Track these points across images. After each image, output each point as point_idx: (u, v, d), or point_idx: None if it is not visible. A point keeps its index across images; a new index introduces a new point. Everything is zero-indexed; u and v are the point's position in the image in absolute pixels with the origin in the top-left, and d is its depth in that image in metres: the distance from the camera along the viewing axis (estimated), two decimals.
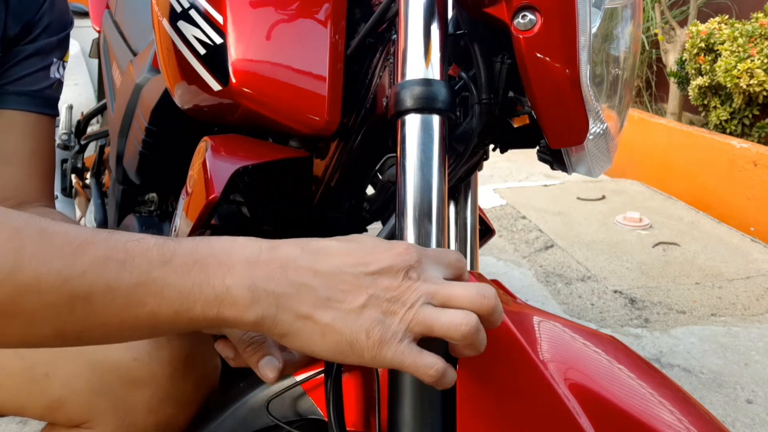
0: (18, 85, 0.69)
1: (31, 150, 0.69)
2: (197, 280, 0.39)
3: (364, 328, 0.40)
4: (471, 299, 0.41)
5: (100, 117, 1.84)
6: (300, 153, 0.66)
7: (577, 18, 0.47)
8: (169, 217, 1.04)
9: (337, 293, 0.41)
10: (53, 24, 0.71)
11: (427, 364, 0.40)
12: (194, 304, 0.38)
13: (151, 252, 0.39)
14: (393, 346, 0.40)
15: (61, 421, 0.61)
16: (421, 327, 0.41)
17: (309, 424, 0.58)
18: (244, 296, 0.39)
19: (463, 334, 0.40)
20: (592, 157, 0.57)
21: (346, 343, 0.40)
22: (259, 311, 0.39)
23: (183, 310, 0.38)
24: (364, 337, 0.40)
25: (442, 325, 0.40)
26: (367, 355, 0.40)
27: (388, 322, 0.40)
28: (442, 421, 0.46)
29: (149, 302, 0.38)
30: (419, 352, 0.41)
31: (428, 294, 0.42)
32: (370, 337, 0.40)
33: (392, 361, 0.40)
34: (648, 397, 0.46)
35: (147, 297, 0.38)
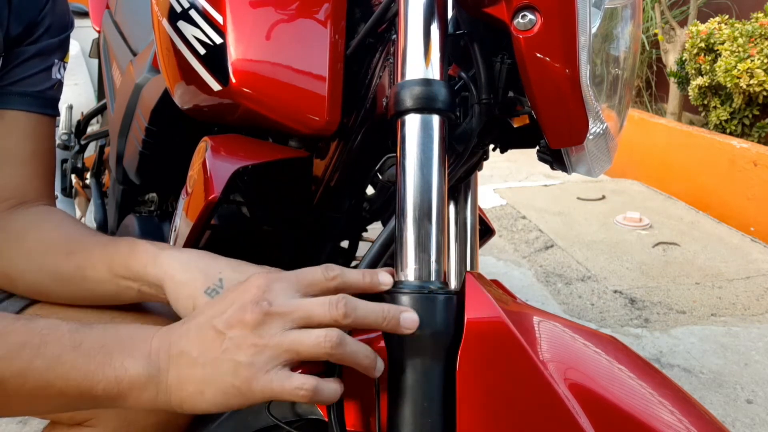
0: (20, 85, 0.69)
1: (32, 150, 0.70)
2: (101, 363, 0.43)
3: (230, 373, 0.43)
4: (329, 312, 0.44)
5: (100, 117, 1.84)
6: (300, 153, 0.66)
7: (577, 18, 0.47)
8: (169, 217, 1.04)
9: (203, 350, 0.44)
10: (55, 25, 0.71)
11: (296, 385, 0.42)
12: (97, 384, 0.43)
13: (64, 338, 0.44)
14: (260, 379, 0.42)
15: (63, 420, 0.61)
16: (288, 354, 0.43)
17: (309, 424, 0.58)
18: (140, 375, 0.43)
19: (328, 351, 0.43)
20: (592, 157, 0.57)
21: (221, 393, 0.43)
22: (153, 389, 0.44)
23: (86, 391, 0.43)
24: (231, 381, 0.42)
25: (308, 348, 0.43)
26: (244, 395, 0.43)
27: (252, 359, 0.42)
28: (442, 421, 0.46)
29: (57, 384, 0.42)
30: (287, 376, 0.43)
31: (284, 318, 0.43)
32: (237, 377, 0.42)
33: (263, 392, 0.42)
34: (648, 397, 0.46)
35: (55, 380, 0.42)
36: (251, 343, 0.43)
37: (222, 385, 0.43)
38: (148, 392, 0.44)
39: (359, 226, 0.82)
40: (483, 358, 0.47)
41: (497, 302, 0.48)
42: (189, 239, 0.64)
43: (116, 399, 0.44)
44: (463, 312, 0.48)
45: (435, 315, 0.47)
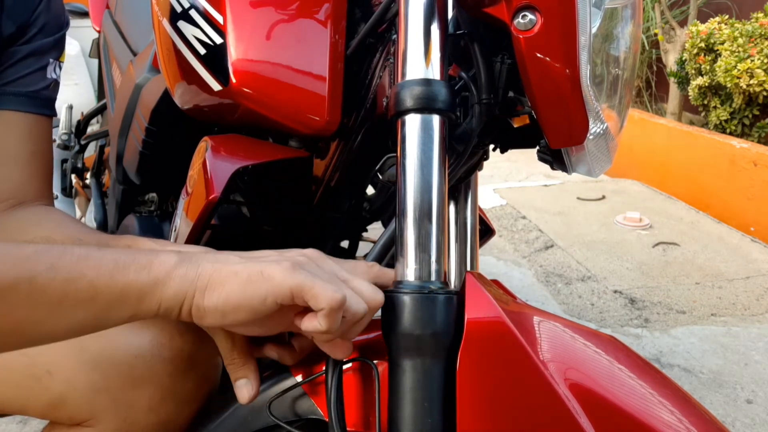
0: (15, 86, 0.69)
1: (30, 150, 0.69)
2: (132, 254, 0.44)
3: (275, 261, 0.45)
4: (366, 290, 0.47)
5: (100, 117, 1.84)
6: (300, 153, 0.66)
7: (577, 18, 0.47)
8: (169, 217, 1.04)
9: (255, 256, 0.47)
10: (49, 24, 0.71)
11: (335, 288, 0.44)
12: (128, 268, 0.43)
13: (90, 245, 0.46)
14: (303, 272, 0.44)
15: (63, 419, 0.61)
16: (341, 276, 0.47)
17: (309, 424, 0.58)
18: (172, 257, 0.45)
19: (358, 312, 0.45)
20: (592, 157, 0.57)
21: (256, 273, 0.44)
22: (183, 269, 0.44)
23: (118, 275, 0.42)
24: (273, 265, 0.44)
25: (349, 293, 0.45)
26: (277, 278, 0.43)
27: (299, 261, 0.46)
28: (442, 421, 0.46)
29: (88, 273, 0.42)
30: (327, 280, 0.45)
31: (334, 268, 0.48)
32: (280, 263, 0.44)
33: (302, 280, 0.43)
34: (648, 397, 0.46)
35: (86, 269, 0.42)
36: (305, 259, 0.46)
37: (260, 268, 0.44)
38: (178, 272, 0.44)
39: (359, 226, 0.82)
40: (483, 358, 0.47)
41: (497, 302, 0.48)
42: (189, 239, 0.64)
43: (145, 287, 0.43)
44: (463, 312, 0.48)
45: (435, 315, 0.47)
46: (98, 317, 0.43)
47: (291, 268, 0.44)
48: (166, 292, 0.43)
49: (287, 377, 0.57)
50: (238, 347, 0.52)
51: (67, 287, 0.41)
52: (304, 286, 0.43)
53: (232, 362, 0.51)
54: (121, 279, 0.42)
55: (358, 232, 0.86)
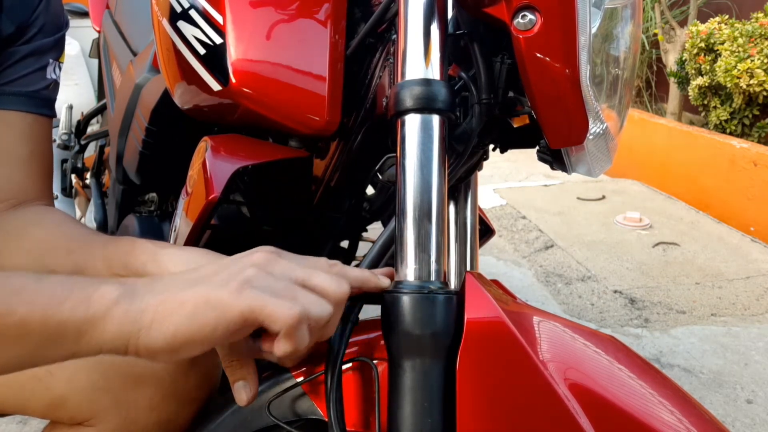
0: (14, 86, 0.69)
1: (30, 150, 0.69)
2: (69, 287, 0.40)
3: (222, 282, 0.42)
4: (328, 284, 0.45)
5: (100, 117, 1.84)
6: (300, 153, 0.66)
7: (577, 18, 0.47)
8: (169, 217, 1.04)
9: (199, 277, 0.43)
10: (48, 25, 0.71)
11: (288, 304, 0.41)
12: (63, 304, 0.39)
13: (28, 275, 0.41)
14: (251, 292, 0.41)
15: (64, 419, 0.61)
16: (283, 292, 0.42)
17: (309, 424, 0.58)
18: (112, 291, 0.41)
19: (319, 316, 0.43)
20: (592, 157, 0.57)
21: (202, 301, 0.41)
22: (125, 305, 0.40)
23: (52, 312, 0.39)
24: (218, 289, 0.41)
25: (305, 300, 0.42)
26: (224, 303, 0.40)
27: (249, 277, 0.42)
28: (442, 422, 0.46)
29: (20, 309, 0.38)
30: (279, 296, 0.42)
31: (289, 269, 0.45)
32: (226, 286, 0.41)
33: (251, 302, 0.40)
34: (648, 397, 0.46)
35: (18, 304, 0.39)
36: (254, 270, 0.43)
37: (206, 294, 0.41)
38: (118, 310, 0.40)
39: (359, 226, 0.82)
40: (483, 358, 0.47)
41: (497, 302, 0.48)
42: (189, 239, 0.64)
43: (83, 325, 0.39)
44: (463, 312, 0.48)
45: (435, 315, 0.47)
46: (33, 355, 0.40)
47: (238, 290, 0.41)
48: (106, 331, 0.40)
49: (287, 377, 0.57)
50: (236, 348, 0.51)
51: None
52: (255, 309, 0.40)
53: (230, 364, 0.50)
54: (55, 316, 0.39)
55: (358, 232, 0.86)
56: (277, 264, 0.45)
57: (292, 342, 0.42)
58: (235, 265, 0.44)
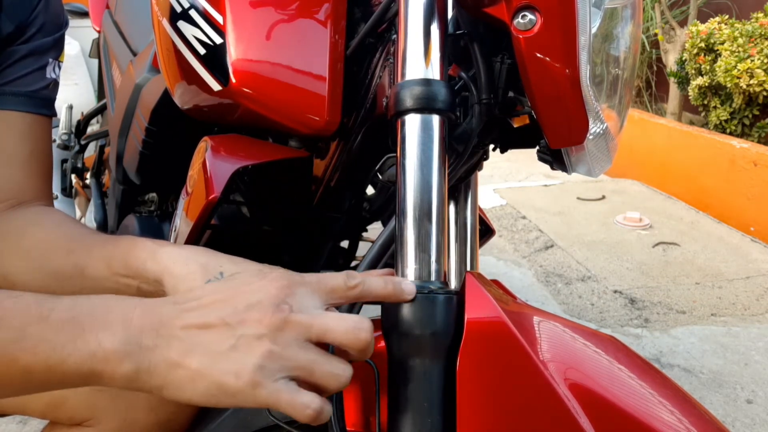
0: (14, 85, 0.69)
1: (30, 150, 0.69)
2: (71, 334, 0.39)
3: (233, 371, 0.39)
4: (347, 334, 0.41)
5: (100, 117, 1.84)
6: (300, 153, 0.66)
7: (577, 18, 0.47)
8: (169, 217, 1.04)
9: (206, 338, 0.40)
10: (48, 24, 0.71)
11: (305, 403, 0.40)
12: (67, 357, 0.38)
13: (30, 309, 0.39)
14: (267, 387, 0.39)
15: (63, 419, 0.61)
16: (301, 371, 0.40)
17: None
18: (117, 350, 0.39)
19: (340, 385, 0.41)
20: (592, 157, 0.57)
21: (216, 387, 0.39)
22: (132, 365, 0.39)
23: (55, 365, 0.38)
24: (233, 379, 0.39)
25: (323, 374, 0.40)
26: (239, 397, 0.39)
27: (261, 362, 0.39)
28: (442, 421, 0.46)
29: (22, 358, 0.38)
30: (296, 391, 0.40)
31: (304, 330, 0.41)
32: (241, 378, 0.39)
33: (267, 399, 0.39)
34: (648, 397, 0.46)
35: (20, 353, 0.38)
36: (266, 350, 0.40)
37: (219, 380, 0.39)
38: (124, 368, 0.39)
39: (359, 226, 0.82)
40: (483, 358, 0.47)
41: (497, 302, 0.48)
42: (189, 239, 0.64)
43: (88, 377, 0.39)
44: (463, 312, 0.48)
45: (435, 315, 0.47)
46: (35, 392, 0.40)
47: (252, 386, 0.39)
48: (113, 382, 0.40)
49: None
50: None
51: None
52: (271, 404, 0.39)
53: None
54: (59, 370, 0.38)
55: (358, 232, 0.86)
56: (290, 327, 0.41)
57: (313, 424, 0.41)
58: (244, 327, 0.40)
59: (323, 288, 0.44)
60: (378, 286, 0.46)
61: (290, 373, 0.40)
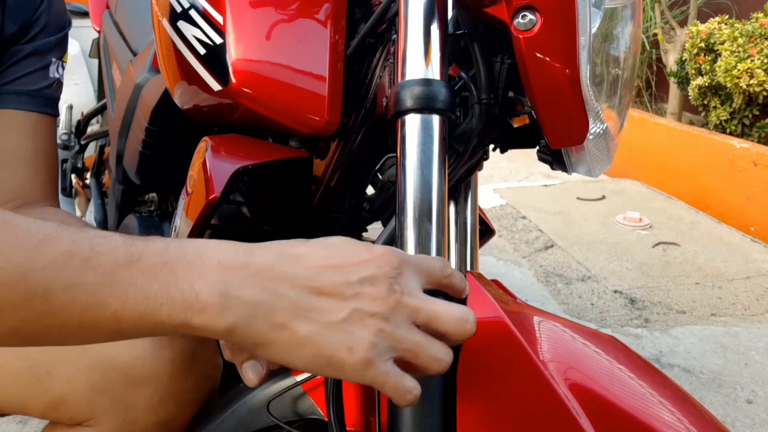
0: (17, 84, 0.69)
1: (34, 150, 0.69)
2: (165, 282, 0.36)
3: (347, 344, 0.38)
4: (454, 324, 0.41)
5: (100, 117, 1.84)
6: (300, 153, 0.66)
7: (577, 18, 0.47)
8: (169, 217, 1.04)
9: (317, 304, 0.38)
10: (51, 24, 0.71)
11: (408, 388, 0.40)
12: (160, 308, 0.36)
13: (119, 251, 0.37)
14: (378, 366, 0.38)
15: (63, 420, 0.61)
16: (407, 353, 0.40)
17: (309, 424, 0.58)
18: (215, 303, 0.37)
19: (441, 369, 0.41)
20: (592, 157, 0.57)
21: (325, 358, 0.38)
22: (230, 319, 0.37)
23: (147, 314, 0.36)
24: (345, 354, 0.38)
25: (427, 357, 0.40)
26: (348, 371, 0.38)
27: (374, 340, 0.38)
28: (442, 422, 0.46)
29: (112, 303, 0.36)
30: (402, 375, 0.40)
31: (412, 312, 0.40)
32: (354, 353, 0.38)
33: (374, 380, 0.38)
34: (648, 397, 0.46)
35: (110, 298, 0.35)
36: (379, 328, 0.38)
37: (330, 352, 0.38)
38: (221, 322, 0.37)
39: (359, 226, 0.82)
40: (483, 358, 0.47)
41: (497, 302, 0.48)
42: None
43: (181, 327, 0.37)
44: None
45: None
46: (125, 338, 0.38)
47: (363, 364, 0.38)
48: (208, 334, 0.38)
49: (287, 376, 0.57)
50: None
51: (86, 314, 0.35)
52: (376, 384, 0.39)
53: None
54: (151, 319, 0.36)
55: (358, 232, 0.86)
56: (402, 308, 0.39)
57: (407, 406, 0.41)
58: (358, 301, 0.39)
59: (424, 270, 0.43)
60: (461, 279, 0.46)
61: (397, 354, 0.39)
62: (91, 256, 0.36)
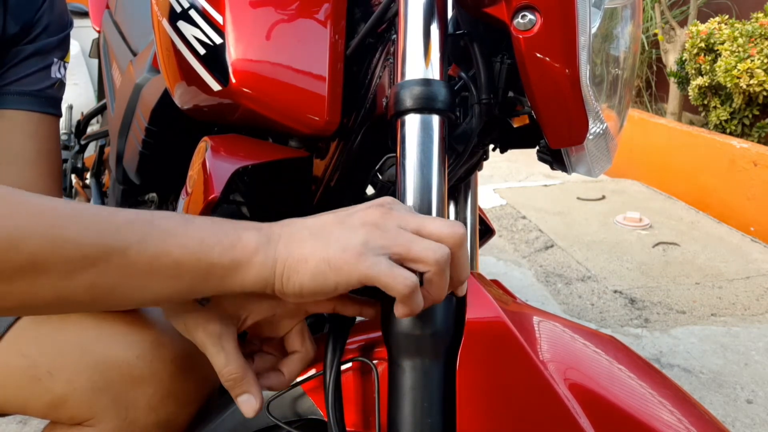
0: (19, 85, 0.69)
1: (37, 150, 0.70)
2: (215, 231, 0.44)
3: (341, 245, 0.43)
4: (443, 227, 0.45)
5: (100, 117, 1.84)
6: (300, 153, 0.66)
7: (577, 18, 0.47)
8: None
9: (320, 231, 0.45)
10: (52, 25, 0.71)
11: (404, 275, 0.42)
12: (212, 249, 0.43)
13: (174, 217, 0.45)
14: (370, 258, 0.42)
15: (63, 419, 0.61)
16: (399, 248, 0.43)
17: (309, 424, 0.58)
18: (252, 240, 0.44)
19: (436, 259, 0.43)
20: (592, 157, 0.57)
21: (325, 262, 0.43)
22: (262, 255, 0.44)
23: (203, 256, 0.43)
24: (340, 253, 0.43)
25: (419, 250, 0.43)
26: (345, 270, 0.42)
27: (365, 239, 0.43)
28: (442, 421, 0.46)
29: (174, 251, 0.42)
30: (395, 266, 0.43)
31: (401, 220, 0.45)
32: (347, 251, 0.43)
33: (369, 271, 0.42)
34: (648, 397, 0.46)
35: (173, 247, 0.43)
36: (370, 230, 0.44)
37: (327, 255, 0.43)
38: (258, 258, 0.44)
39: None
40: (483, 358, 0.47)
41: (497, 302, 0.48)
42: None
43: (229, 268, 0.44)
44: (463, 312, 0.48)
45: (435, 315, 0.47)
46: (186, 290, 0.44)
47: (357, 257, 0.43)
48: (247, 276, 0.44)
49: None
50: (233, 360, 0.49)
51: (154, 262, 0.42)
52: (372, 277, 0.43)
53: (230, 377, 0.49)
54: (205, 260, 0.43)
55: None
56: (391, 216, 0.46)
57: (408, 307, 0.44)
58: (352, 219, 0.46)
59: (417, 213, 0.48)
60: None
61: (390, 251, 0.43)
62: (152, 220, 0.43)
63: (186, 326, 0.50)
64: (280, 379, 0.52)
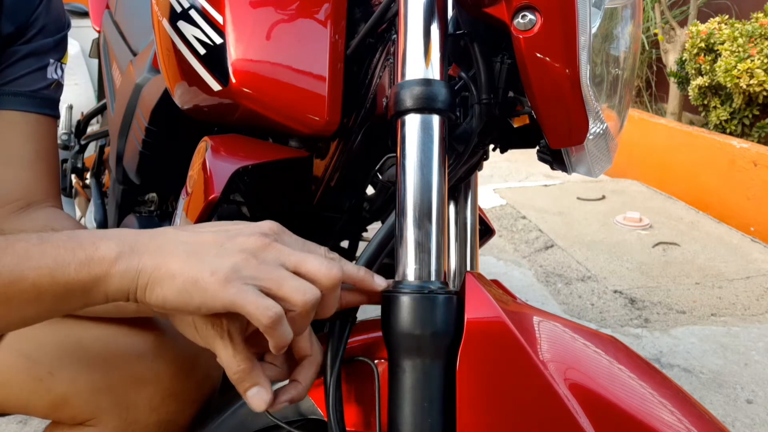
0: (15, 85, 0.69)
1: (35, 151, 0.69)
2: (70, 246, 0.43)
3: (210, 268, 0.42)
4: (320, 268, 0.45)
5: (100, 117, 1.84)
6: (300, 153, 0.66)
7: (577, 18, 0.47)
8: (169, 217, 1.04)
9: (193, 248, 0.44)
10: (49, 25, 0.71)
11: (267, 305, 0.42)
12: (68, 266, 0.42)
13: (30, 239, 0.43)
14: (237, 286, 0.42)
15: (65, 419, 0.61)
16: (271, 282, 0.43)
17: (309, 424, 0.58)
18: (111, 250, 0.43)
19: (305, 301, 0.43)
20: (592, 157, 0.57)
21: (192, 282, 0.42)
22: (123, 265, 0.43)
23: (59, 275, 0.42)
24: (208, 275, 0.42)
25: (289, 290, 0.43)
26: (210, 292, 0.42)
27: (237, 266, 0.43)
28: (442, 421, 0.46)
29: (30, 275, 0.41)
30: (262, 296, 0.43)
31: (280, 254, 0.45)
32: (215, 274, 0.42)
33: (234, 298, 0.42)
34: (648, 397, 0.46)
35: (27, 270, 0.41)
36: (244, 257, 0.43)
37: (195, 275, 0.42)
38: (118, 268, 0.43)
39: (359, 226, 0.82)
40: (483, 358, 0.47)
41: (497, 302, 0.48)
42: None
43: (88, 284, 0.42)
44: (463, 312, 0.48)
45: (435, 315, 0.47)
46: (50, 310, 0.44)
47: (224, 282, 0.42)
48: (110, 287, 0.43)
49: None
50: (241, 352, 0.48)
51: (10, 289, 0.41)
52: (236, 304, 0.42)
53: (237, 371, 0.47)
54: (62, 278, 0.42)
55: (358, 232, 0.86)
56: (271, 249, 0.45)
57: (272, 337, 0.43)
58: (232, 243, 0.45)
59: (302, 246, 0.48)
60: (352, 268, 0.49)
61: (260, 283, 0.43)
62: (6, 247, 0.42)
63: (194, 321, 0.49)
64: (299, 390, 0.50)
